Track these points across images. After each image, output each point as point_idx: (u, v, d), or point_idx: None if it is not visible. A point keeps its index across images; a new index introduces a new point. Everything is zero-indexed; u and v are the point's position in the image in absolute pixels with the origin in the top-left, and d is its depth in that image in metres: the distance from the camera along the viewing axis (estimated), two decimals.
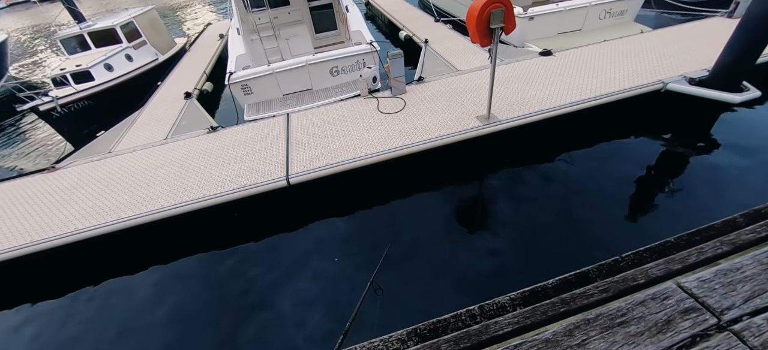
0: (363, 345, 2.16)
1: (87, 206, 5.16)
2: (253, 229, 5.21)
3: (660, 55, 6.93)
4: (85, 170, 6.12)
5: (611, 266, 2.32)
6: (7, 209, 5.41)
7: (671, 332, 1.20)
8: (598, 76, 6.45)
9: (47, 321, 4.45)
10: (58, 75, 8.85)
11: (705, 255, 1.84)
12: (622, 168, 5.33)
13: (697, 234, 2.34)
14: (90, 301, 4.61)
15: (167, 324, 4.17)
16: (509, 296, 2.20)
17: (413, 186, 5.51)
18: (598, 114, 5.90)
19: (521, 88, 6.45)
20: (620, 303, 1.37)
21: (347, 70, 7.61)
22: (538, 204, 5.01)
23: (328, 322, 3.93)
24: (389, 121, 6.12)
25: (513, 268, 4.22)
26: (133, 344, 4.02)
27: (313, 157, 5.44)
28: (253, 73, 7.13)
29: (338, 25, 10.23)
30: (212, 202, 4.93)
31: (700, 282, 1.41)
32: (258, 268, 4.68)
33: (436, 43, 9.24)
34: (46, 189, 5.73)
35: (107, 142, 7.00)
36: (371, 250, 4.66)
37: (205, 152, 6.03)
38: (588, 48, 7.70)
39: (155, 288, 4.64)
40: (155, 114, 7.90)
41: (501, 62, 7.49)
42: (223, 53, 11.63)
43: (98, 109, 8.78)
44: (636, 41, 7.72)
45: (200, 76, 9.61)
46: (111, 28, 9.90)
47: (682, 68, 6.25)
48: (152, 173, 5.69)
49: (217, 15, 21.90)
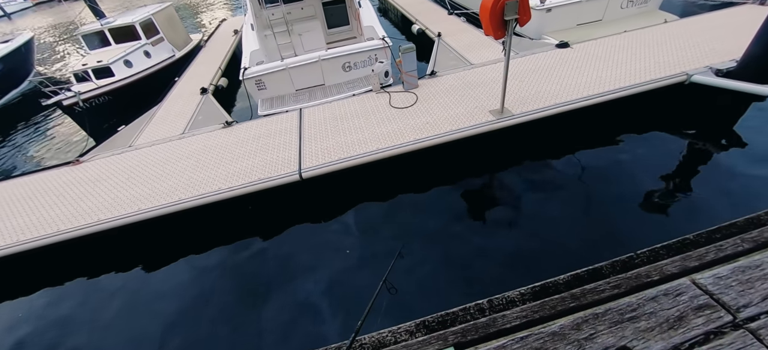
0: (372, 335, 2.20)
1: (109, 198, 5.37)
2: (267, 222, 5.32)
3: (685, 45, 6.66)
4: (107, 163, 6.36)
5: (625, 262, 2.28)
6: (35, 200, 5.68)
7: (683, 328, 1.17)
8: (617, 69, 6.26)
9: (73, 304, 4.67)
10: (80, 70, 9.16)
11: (724, 253, 1.79)
12: (641, 164, 5.17)
13: (718, 231, 2.27)
14: (109, 288, 4.81)
15: (181, 313, 4.32)
16: (519, 291, 2.19)
17: (425, 182, 5.49)
18: (617, 108, 5.73)
19: (536, 82, 6.32)
20: (631, 299, 1.35)
21: (359, 65, 7.62)
22: (553, 200, 4.92)
23: (340, 314, 3.99)
24: (401, 115, 6.11)
25: (526, 265, 4.17)
26: (150, 329, 4.19)
27: (325, 152, 5.49)
28: (267, 69, 7.23)
29: (350, 20, 10.23)
30: (227, 196, 5.04)
31: (715, 279, 1.38)
32: (271, 260, 4.78)
33: (449, 37, 9.13)
34: (71, 181, 5.98)
35: (127, 136, 7.24)
36: (383, 244, 4.69)
37: (221, 146, 6.17)
38: (608, 39, 7.46)
39: (172, 278, 4.81)
40: (173, 109, 8.10)
41: (515, 55, 7.35)
42: (237, 49, 11.80)
43: (117, 104, 9.06)
44: (659, 31, 7.43)
45: (215, 72, 9.79)
46: (130, 24, 10.17)
47: (709, 59, 5.98)
48: (170, 166, 5.87)
49: (232, 11, 22.19)
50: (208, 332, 4.08)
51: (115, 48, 10.04)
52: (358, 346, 2.07)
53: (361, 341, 2.11)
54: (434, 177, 5.54)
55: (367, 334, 2.19)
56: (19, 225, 5.13)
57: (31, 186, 6.07)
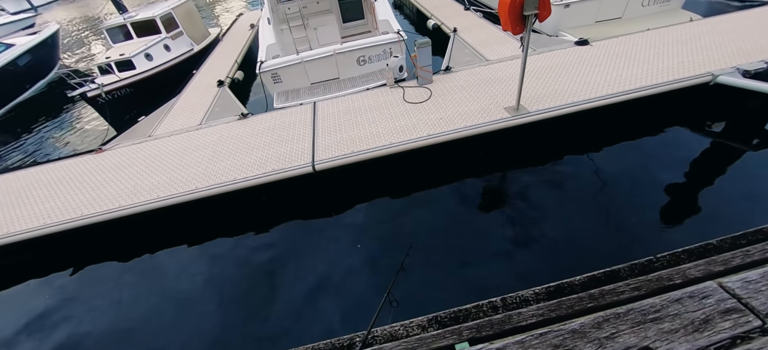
0: (384, 328, 2.21)
1: (130, 185, 5.53)
2: (280, 213, 5.39)
3: (710, 45, 6.41)
4: (127, 152, 6.54)
5: (644, 266, 2.22)
6: (60, 185, 5.90)
7: (709, 331, 1.14)
8: (638, 67, 6.07)
9: (93, 285, 4.85)
10: (103, 63, 9.44)
11: (751, 258, 1.72)
12: (660, 166, 5.02)
13: (743, 237, 2.19)
14: (131, 272, 4.97)
15: (194, 299, 4.44)
16: (533, 290, 2.16)
17: (438, 177, 5.47)
18: (637, 108, 5.57)
19: (554, 79, 6.19)
20: (654, 300, 1.32)
21: (374, 59, 7.61)
22: (568, 201, 4.83)
23: (350, 307, 4.02)
24: (415, 110, 6.09)
25: (539, 265, 4.12)
26: (164, 311, 4.31)
27: (338, 145, 5.52)
28: (283, 62, 7.29)
29: (366, 14, 10.21)
30: (242, 186, 5.13)
31: (744, 282, 1.33)
32: (284, 251, 4.85)
33: (465, 32, 9.01)
34: (94, 169, 6.19)
35: (147, 126, 7.43)
36: (394, 239, 4.70)
37: (236, 138, 6.27)
38: (629, 37, 7.24)
39: (187, 265, 4.94)
40: (190, 101, 8.27)
41: (532, 52, 7.21)
42: (253, 43, 11.93)
43: (138, 96, 9.31)
44: (683, 30, 7.17)
45: (232, 65, 9.93)
46: (151, 19, 10.39)
47: (735, 60, 5.75)
48: (187, 156, 6.00)
49: (248, 6, 22.43)
50: (220, 319, 4.17)
51: (137, 41, 10.28)
52: (371, 338, 2.09)
53: (374, 333, 2.13)
54: (447, 173, 5.51)
55: (379, 327, 2.20)
56: (46, 210, 5.34)
57: (56, 173, 6.30)
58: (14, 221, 5.24)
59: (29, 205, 5.54)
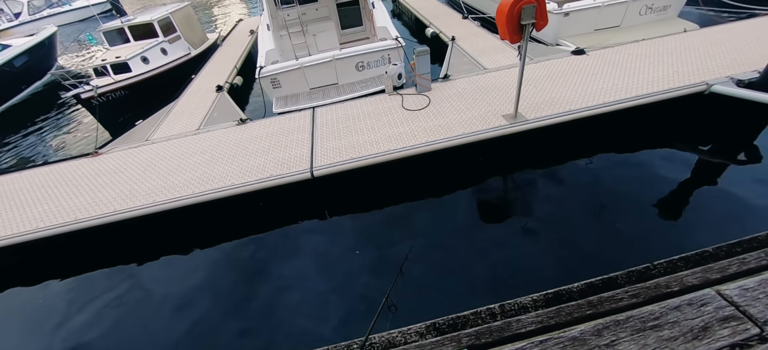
0: (382, 335, 2.20)
1: (126, 189, 5.49)
2: (277, 219, 5.36)
3: (705, 54, 6.51)
4: (124, 156, 6.50)
5: (641, 273, 2.23)
6: (55, 189, 5.83)
7: (708, 339, 1.14)
8: (634, 77, 6.15)
9: (87, 290, 4.78)
10: (99, 65, 9.41)
11: (748, 266, 1.74)
12: (656, 174, 5.07)
13: (739, 245, 2.21)
14: (124, 278, 4.91)
15: (189, 305, 4.38)
16: (531, 297, 2.16)
17: (436, 185, 5.48)
18: (633, 116, 5.63)
19: (551, 88, 6.25)
20: (653, 307, 1.32)
21: (373, 64, 7.66)
22: (565, 208, 4.85)
23: (347, 314, 3.99)
24: (413, 117, 6.11)
25: (538, 271, 4.12)
26: (160, 317, 4.25)
27: (337, 151, 5.52)
28: (282, 68, 7.31)
29: (364, 21, 10.31)
30: (239, 191, 5.11)
31: (742, 290, 1.34)
32: (281, 257, 4.82)
33: (463, 41, 9.10)
34: (90, 173, 6.13)
35: (145, 130, 7.40)
36: (392, 245, 4.68)
37: (234, 143, 6.25)
38: (625, 47, 7.34)
39: (183, 270, 4.88)
40: (189, 105, 8.25)
41: (530, 61, 7.28)
42: (253, 49, 11.97)
43: (133, 99, 9.26)
44: (678, 40, 7.28)
45: (231, 71, 9.94)
46: (149, 22, 10.42)
47: (730, 69, 5.84)
48: (185, 161, 5.97)
49: (248, 12, 22.54)
50: (216, 324, 4.12)
51: (134, 45, 10.29)
52: (369, 345, 2.07)
53: (371, 340, 2.11)
54: (445, 181, 5.52)
55: (376, 333, 2.18)
56: (39, 213, 5.28)
57: (51, 176, 6.24)
58: (6, 225, 5.17)
59: (23, 209, 5.47)
